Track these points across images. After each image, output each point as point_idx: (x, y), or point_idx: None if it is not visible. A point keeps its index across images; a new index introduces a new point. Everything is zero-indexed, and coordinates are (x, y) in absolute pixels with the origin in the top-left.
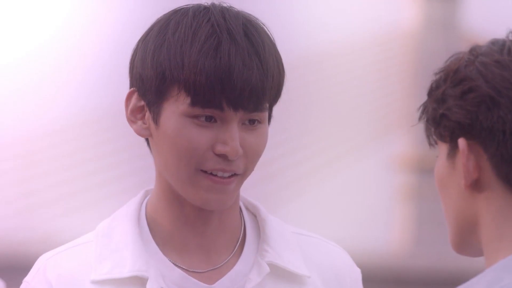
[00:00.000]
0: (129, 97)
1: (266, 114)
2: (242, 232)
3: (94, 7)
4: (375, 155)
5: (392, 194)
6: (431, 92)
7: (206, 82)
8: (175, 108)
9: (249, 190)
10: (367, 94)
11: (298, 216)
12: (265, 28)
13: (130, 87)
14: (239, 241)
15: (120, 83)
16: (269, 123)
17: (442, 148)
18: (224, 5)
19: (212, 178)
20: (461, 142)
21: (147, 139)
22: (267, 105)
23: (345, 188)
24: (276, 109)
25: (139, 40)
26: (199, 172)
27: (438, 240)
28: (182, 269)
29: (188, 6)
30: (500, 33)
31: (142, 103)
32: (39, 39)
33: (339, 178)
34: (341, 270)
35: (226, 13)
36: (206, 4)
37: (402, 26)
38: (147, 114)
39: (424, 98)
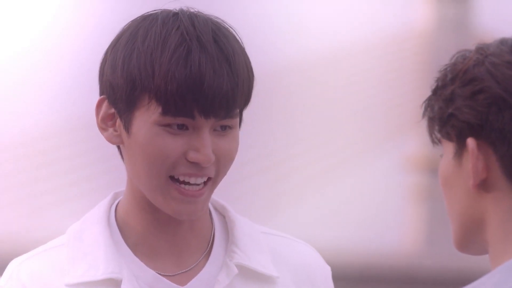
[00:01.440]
0: (99, 105)
1: (237, 119)
2: (212, 234)
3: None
4: (387, 155)
5: (404, 194)
6: (436, 90)
7: (177, 91)
8: (147, 117)
9: (262, 190)
10: (379, 94)
11: (309, 216)
12: (234, 33)
13: (100, 95)
14: (209, 243)
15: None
16: (239, 127)
17: (448, 147)
18: (192, 10)
19: (182, 191)
20: (471, 142)
21: (118, 146)
22: (238, 111)
23: (357, 188)
24: (290, 110)
25: (108, 48)
26: (169, 181)
27: (449, 240)
28: (153, 271)
29: (157, 12)
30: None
31: (113, 110)
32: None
33: (351, 178)
34: (312, 269)
35: (195, 19)
36: (174, 9)
37: (414, 26)
38: (118, 121)
39: None
